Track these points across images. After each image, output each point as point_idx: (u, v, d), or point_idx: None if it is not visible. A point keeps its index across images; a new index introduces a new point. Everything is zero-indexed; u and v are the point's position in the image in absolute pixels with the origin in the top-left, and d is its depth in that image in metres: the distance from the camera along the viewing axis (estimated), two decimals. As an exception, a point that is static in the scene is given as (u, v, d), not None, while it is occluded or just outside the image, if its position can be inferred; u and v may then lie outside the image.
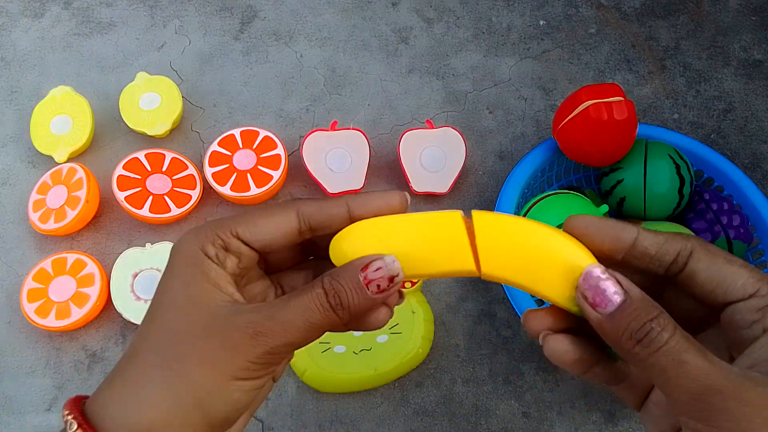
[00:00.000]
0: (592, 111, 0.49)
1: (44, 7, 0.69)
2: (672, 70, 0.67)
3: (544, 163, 0.55)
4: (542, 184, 0.57)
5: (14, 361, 0.52)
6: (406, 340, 0.50)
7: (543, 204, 0.51)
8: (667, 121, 0.64)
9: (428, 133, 0.59)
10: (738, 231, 0.52)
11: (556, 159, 0.56)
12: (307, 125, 0.63)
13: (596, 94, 0.50)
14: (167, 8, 0.70)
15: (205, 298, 0.25)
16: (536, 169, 0.55)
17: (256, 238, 0.26)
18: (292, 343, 0.24)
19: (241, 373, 0.24)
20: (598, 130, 0.50)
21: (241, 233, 0.26)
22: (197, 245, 0.25)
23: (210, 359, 0.24)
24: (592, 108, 0.49)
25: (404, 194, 0.27)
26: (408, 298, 0.52)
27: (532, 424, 0.50)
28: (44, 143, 0.59)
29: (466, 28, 0.69)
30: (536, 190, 0.57)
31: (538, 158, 0.55)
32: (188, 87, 0.65)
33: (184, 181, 0.57)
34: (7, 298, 0.54)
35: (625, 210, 0.54)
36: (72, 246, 0.56)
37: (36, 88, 0.64)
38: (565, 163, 0.57)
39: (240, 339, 0.24)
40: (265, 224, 0.26)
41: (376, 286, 0.25)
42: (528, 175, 0.54)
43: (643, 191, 0.52)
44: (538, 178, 0.56)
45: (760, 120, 0.65)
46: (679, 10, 0.71)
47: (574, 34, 0.69)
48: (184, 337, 0.24)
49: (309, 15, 0.70)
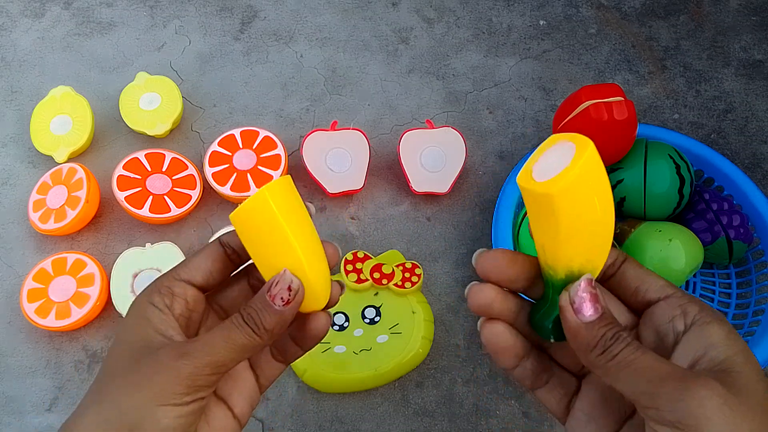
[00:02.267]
0: (592, 111, 0.49)
1: (44, 7, 0.69)
2: (672, 70, 0.67)
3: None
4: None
5: (14, 361, 0.52)
6: (406, 340, 0.50)
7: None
8: (667, 121, 0.64)
9: (428, 133, 0.59)
10: (738, 231, 0.52)
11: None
12: (307, 125, 0.63)
13: (596, 94, 0.50)
14: (167, 8, 0.70)
15: (143, 339, 0.27)
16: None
17: (193, 273, 0.29)
18: (216, 362, 0.26)
19: (169, 398, 0.25)
20: (598, 130, 0.50)
21: (182, 274, 0.29)
22: (145, 298, 0.28)
23: (137, 386, 0.25)
24: (592, 108, 0.49)
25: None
26: (408, 297, 0.52)
27: (532, 424, 0.50)
28: (44, 143, 0.59)
29: (466, 28, 0.69)
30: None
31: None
32: (188, 87, 0.65)
33: (184, 181, 0.57)
34: (7, 298, 0.54)
35: (625, 210, 0.54)
36: (72, 246, 0.56)
37: (36, 88, 0.64)
38: None
39: (165, 363, 0.25)
40: (197, 260, 0.29)
41: (280, 299, 0.27)
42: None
43: (643, 191, 0.52)
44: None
45: (760, 120, 0.65)
46: (680, 10, 0.71)
47: (574, 34, 0.69)
48: (116, 371, 0.26)
49: (309, 15, 0.70)
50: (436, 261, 0.57)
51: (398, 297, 0.52)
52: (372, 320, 0.51)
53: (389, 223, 0.58)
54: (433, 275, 0.56)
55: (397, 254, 0.55)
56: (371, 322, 0.51)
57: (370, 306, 0.52)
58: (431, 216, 0.59)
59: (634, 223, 0.54)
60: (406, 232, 0.58)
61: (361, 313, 0.51)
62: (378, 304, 0.52)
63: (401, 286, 0.52)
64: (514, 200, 0.52)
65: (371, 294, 0.52)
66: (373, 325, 0.51)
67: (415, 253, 0.57)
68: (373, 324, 0.51)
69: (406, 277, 0.52)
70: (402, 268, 0.53)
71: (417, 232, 0.58)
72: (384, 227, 0.58)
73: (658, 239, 0.51)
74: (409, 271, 0.53)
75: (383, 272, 0.52)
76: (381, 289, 0.52)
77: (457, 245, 0.57)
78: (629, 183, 0.53)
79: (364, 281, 0.52)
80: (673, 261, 0.50)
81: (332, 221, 0.58)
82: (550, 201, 0.24)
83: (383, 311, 0.51)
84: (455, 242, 0.57)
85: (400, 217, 0.59)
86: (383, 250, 0.57)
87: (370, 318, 0.51)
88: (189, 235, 0.57)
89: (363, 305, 0.52)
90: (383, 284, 0.52)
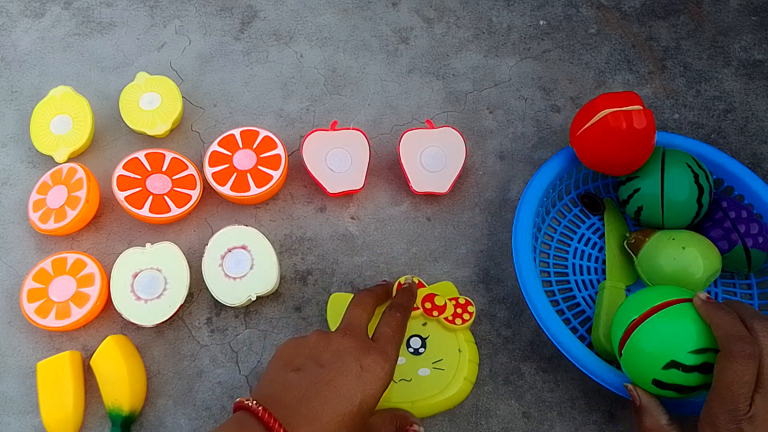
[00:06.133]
0: (611, 120, 0.48)
1: (44, 7, 0.69)
2: (672, 70, 0.67)
3: (562, 171, 0.55)
4: (560, 192, 0.57)
5: (14, 361, 0.52)
6: (448, 379, 0.48)
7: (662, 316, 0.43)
8: (667, 121, 0.64)
9: (428, 133, 0.59)
10: (756, 239, 0.51)
11: (574, 168, 0.56)
12: (307, 125, 0.63)
13: (615, 102, 0.49)
14: (167, 8, 0.70)
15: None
16: (554, 178, 0.54)
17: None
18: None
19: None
20: (616, 139, 0.49)
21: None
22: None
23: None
24: (611, 116, 0.49)
25: None
26: (456, 334, 0.50)
27: (532, 425, 0.50)
28: (44, 143, 0.59)
29: (466, 28, 0.69)
30: (554, 199, 0.57)
31: (556, 167, 0.54)
32: (188, 87, 0.65)
33: (184, 181, 0.57)
34: (7, 298, 0.54)
35: (642, 219, 0.54)
36: (72, 246, 0.56)
37: (36, 88, 0.64)
38: (583, 171, 0.57)
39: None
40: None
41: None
42: (546, 185, 0.54)
43: (660, 200, 0.52)
44: (556, 186, 0.56)
45: (760, 120, 0.65)
46: (680, 10, 0.71)
47: (575, 34, 0.69)
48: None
49: (309, 15, 0.70)
50: (436, 261, 0.57)
51: (446, 332, 0.50)
52: (416, 350, 0.49)
53: (389, 223, 0.58)
54: (433, 275, 0.56)
55: (451, 286, 0.53)
56: (415, 352, 0.49)
57: (417, 336, 0.50)
58: (431, 216, 0.59)
59: (648, 232, 0.53)
60: (406, 232, 0.58)
61: (407, 341, 0.50)
62: (425, 335, 0.50)
63: (451, 321, 0.50)
64: (532, 211, 0.52)
65: (419, 323, 0.50)
66: (416, 356, 0.49)
67: (415, 253, 0.57)
68: (417, 355, 0.49)
69: (458, 313, 0.50)
70: (455, 303, 0.51)
71: (417, 232, 0.58)
72: (384, 227, 0.58)
73: (671, 247, 0.50)
74: (461, 307, 0.51)
75: (435, 303, 0.50)
76: (430, 321, 0.50)
77: (457, 245, 0.57)
78: (646, 192, 0.52)
79: (414, 309, 0.50)
80: (691, 269, 0.49)
81: (332, 221, 0.58)
82: None
83: (429, 343, 0.50)
84: (455, 242, 0.57)
85: (400, 217, 0.59)
86: (383, 250, 0.57)
87: (415, 348, 0.49)
88: (189, 235, 0.57)
89: (410, 333, 0.50)
90: (433, 316, 0.50)
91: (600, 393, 0.51)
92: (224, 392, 0.51)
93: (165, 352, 0.52)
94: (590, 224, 0.58)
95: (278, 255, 0.55)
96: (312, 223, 0.58)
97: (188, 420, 0.50)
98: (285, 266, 0.56)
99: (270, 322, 0.54)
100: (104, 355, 0.49)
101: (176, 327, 0.53)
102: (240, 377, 0.51)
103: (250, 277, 0.52)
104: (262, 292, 0.52)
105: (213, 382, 0.51)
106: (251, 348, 0.52)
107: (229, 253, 0.53)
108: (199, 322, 0.53)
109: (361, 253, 0.57)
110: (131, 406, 0.48)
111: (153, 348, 0.52)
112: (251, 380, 0.51)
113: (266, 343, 0.53)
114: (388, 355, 0.41)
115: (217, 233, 0.54)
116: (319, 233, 0.58)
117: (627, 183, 0.54)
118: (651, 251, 0.52)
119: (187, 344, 0.52)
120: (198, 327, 0.53)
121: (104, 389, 0.49)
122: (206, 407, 0.50)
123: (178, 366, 0.52)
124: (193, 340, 0.53)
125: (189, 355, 0.52)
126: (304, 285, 0.55)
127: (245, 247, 0.53)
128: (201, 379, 0.51)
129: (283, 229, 0.58)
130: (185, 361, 0.52)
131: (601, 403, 0.51)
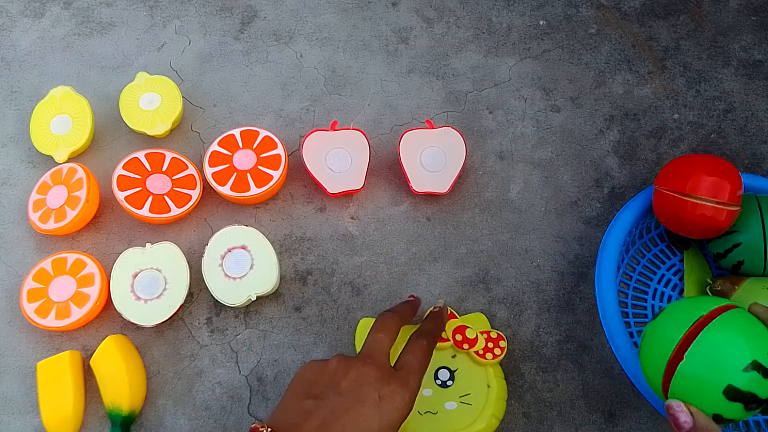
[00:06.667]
0: (699, 209, 0.48)
1: (44, 7, 0.69)
2: (672, 70, 0.67)
3: (639, 217, 0.53)
4: (635, 237, 0.56)
5: (14, 361, 0.52)
6: (475, 415, 0.47)
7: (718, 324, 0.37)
8: (667, 121, 0.64)
9: (428, 133, 0.59)
10: None
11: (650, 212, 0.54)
12: (307, 125, 0.63)
13: (713, 188, 0.48)
14: (167, 8, 0.70)
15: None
16: (637, 218, 0.53)
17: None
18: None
19: None
20: (695, 224, 0.48)
21: None
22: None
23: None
24: (699, 207, 0.48)
25: None
26: (486, 369, 0.49)
27: (532, 424, 0.50)
28: (44, 143, 0.59)
29: (466, 28, 0.69)
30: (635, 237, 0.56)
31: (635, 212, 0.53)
32: (188, 87, 0.65)
33: (184, 181, 0.57)
34: (7, 298, 0.54)
35: (742, 271, 0.52)
36: (72, 246, 0.56)
37: (36, 88, 0.64)
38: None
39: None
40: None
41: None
42: (627, 231, 0.52)
43: (763, 251, 0.49)
44: (639, 225, 0.55)
45: (760, 120, 0.65)
46: (679, 10, 0.71)
47: (574, 34, 0.69)
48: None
49: (309, 15, 0.70)
50: (436, 261, 0.57)
51: (476, 366, 0.49)
52: (444, 383, 0.49)
53: (389, 223, 0.58)
54: (432, 275, 0.56)
55: (483, 319, 0.53)
56: (443, 384, 0.49)
57: (445, 368, 0.49)
58: (431, 216, 0.59)
59: (737, 280, 0.51)
60: (406, 232, 0.58)
61: (434, 372, 0.49)
62: (454, 367, 0.49)
63: (482, 356, 0.49)
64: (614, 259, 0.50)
65: (449, 355, 0.50)
66: (444, 389, 0.48)
67: (415, 253, 0.57)
68: (445, 387, 0.49)
69: (489, 348, 0.49)
70: (486, 337, 0.50)
71: (417, 232, 0.58)
72: (384, 227, 0.58)
73: (764, 297, 0.48)
74: (493, 342, 0.50)
75: (466, 336, 0.50)
76: (460, 353, 0.50)
77: (457, 245, 0.57)
78: (748, 245, 0.50)
79: (444, 340, 0.49)
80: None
81: (332, 221, 0.58)
82: None
83: (457, 376, 0.49)
84: (455, 242, 0.57)
85: (400, 217, 0.59)
86: (383, 250, 0.57)
87: (443, 380, 0.49)
88: (189, 235, 0.57)
89: (438, 365, 0.49)
90: (464, 348, 0.49)
91: (600, 393, 0.51)
92: (224, 392, 0.51)
93: (165, 352, 0.52)
94: (670, 265, 0.56)
95: (278, 255, 0.55)
96: (312, 223, 0.58)
97: (188, 420, 0.50)
98: (285, 266, 0.56)
99: (270, 322, 0.54)
100: (104, 355, 0.49)
101: (176, 327, 0.53)
102: (240, 377, 0.51)
103: (250, 277, 0.52)
104: (262, 292, 0.52)
105: (213, 382, 0.51)
106: (251, 348, 0.52)
107: (229, 253, 0.53)
108: (199, 322, 0.53)
109: (361, 253, 0.57)
110: (131, 406, 0.48)
111: (153, 348, 0.52)
112: (251, 380, 0.51)
113: (266, 343, 0.53)
114: (409, 386, 0.40)
115: (217, 233, 0.54)
116: (319, 233, 0.58)
117: (723, 237, 0.51)
118: (741, 300, 0.49)
119: (187, 344, 0.52)
120: (198, 327, 0.53)
121: (104, 389, 0.49)
122: (206, 407, 0.50)
123: (177, 366, 0.52)
124: (193, 340, 0.53)
125: (189, 355, 0.52)
126: (304, 285, 0.55)
127: (245, 247, 0.53)
128: (201, 379, 0.51)
129: (283, 229, 0.58)
130: (185, 361, 0.52)
131: (601, 403, 0.51)
